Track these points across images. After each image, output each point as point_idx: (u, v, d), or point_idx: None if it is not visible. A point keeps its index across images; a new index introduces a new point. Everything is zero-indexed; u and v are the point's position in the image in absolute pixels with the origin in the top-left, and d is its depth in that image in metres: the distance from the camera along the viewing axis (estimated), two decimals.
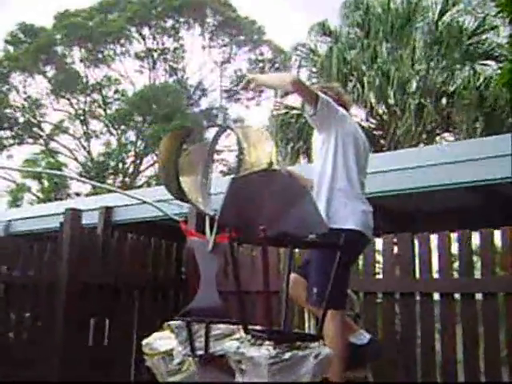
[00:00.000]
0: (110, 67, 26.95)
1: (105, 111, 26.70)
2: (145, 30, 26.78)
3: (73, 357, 4.94)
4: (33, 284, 5.27)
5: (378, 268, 4.98)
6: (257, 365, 2.18)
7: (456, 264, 4.62)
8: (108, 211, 7.10)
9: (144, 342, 3.37)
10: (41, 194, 24.83)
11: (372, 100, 14.17)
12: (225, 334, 2.95)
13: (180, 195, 3.36)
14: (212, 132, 3.78)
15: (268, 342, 2.21)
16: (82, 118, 26.73)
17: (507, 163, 4.50)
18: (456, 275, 4.55)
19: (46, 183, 24.81)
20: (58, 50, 26.04)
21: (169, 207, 6.04)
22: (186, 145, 3.58)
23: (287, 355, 2.17)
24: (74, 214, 5.35)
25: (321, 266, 2.93)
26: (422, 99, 13.15)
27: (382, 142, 14.21)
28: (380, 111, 14.68)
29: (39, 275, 5.30)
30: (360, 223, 3.15)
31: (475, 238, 4.42)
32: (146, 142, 24.79)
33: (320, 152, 3.32)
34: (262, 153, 3.08)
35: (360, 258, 4.55)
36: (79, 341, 5.12)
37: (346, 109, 3.44)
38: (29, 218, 8.66)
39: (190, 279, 5.34)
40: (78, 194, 24.32)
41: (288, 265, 2.70)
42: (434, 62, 13.75)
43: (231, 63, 27.87)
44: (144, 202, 6.38)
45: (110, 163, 25.76)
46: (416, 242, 4.58)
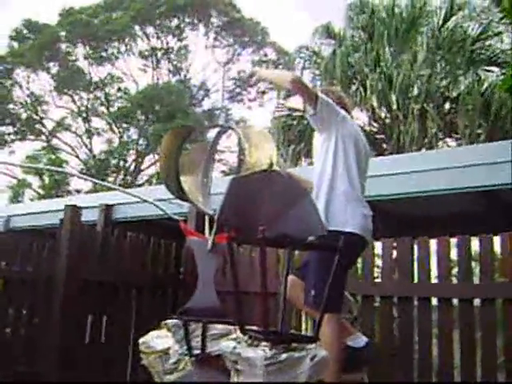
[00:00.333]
0: (113, 65, 27.01)
1: (107, 109, 26.72)
2: (149, 29, 26.83)
3: (70, 354, 4.94)
4: (31, 280, 5.26)
5: (376, 272, 4.97)
6: (253, 365, 2.18)
7: (455, 269, 4.62)
8: (108, 209, 7.10)
9: (141, 340, 3.37)
10: (41, 191, 24.85)
11: (374, 104, 14.17)
12: (221, 333, 2.95)
13: (180, 194, 3.36)
14: (214, 132, 3.77)
15: (264, 343, 2.21)
16: (84, 115, 26.76)
17: (509, 169, 4.50)
18: (455, 280, 4.54)
19: (47, 180, 24.83)
20: (62, 46, 26.09)
21: (169, 206, 6.03)
22: (187, 144, 3.58)
23: (283, 356, 2.17)
24: (74, 211, 5.34)
25: (319, 268, 2.93)
26: (424, 104, 13.14)
27: (384, 145, 14.20)
28: (382, 115, 14.67)
29: (38, 271, 5.30)
30: (359, 227, 3.15)
31: (475, 244, 4.42)
32: (147, 141, 24.80)
33: (320, 153, 3.32)
34: (263, 154, 3.08)
35: (359, 262, 4.54)
36: (76, 338, 5.11)
37: (347, 112, 3.45)
38: (29, 214, 8.66)
39: (189, 278, 5.33)
40: (79, 191, 24.34)
41: (286, 266, 2.69)
42: (438, 67, 13.74)
43: (235, 64, 27.91)
44: (144, 201, 6.37)
45: (112, 161, 25.78)
46: (415, 247, 4.57)
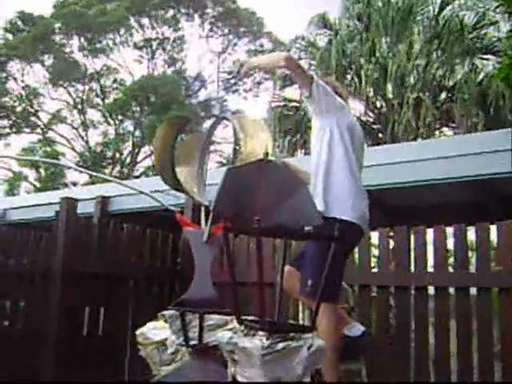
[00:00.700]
0: (108, 57, 26.92)
1: (103, 101, 26.65)
2: (144, 20, 26.71)
3: (67, 346, 4.94)
4: (28, 273, 5.26)
5: (373, 261, 4.98)
6: (250, 355, 2.19)
7: (451, 259, 4.62)
8: (104, 201, 7.09)
9: (138, 331, 3.38)
10: (38, 183, 24.83)
11: (370, 93, 14.16)
12: (218, 324, 2.95)
13: (175, 185, 3.36)
14: (209, 123, 3.76)
15: (261, 333, 2.21)
16: (79, 107, 26.68)
17: (507, 158, 4.50)
18: (451, 269, 4.55)
19: (43, 172, 24.80)
20: (57, 38, 25.96)
21: (165, 198, 6.02)
22: (182, 135, 3.56)
23: (280, 346, 2.17)
24: (70, 203, 5.33)
25: (316, 258, 2.93)
26: (420, 93, 13.13)
27: (380, 135, 14.20)
28: (378, 105, 14.66)
29: (34, 264, 5.29)
30: (356, 216, 3.14)
31: (471, 233, 4.43)
32: (143, 133, 24.75)
33: (316, 141, 3.30)
34: (258, 143, 3.07)
35: (355, 251, 4.55)
36: (74, 330, 5.12)
37: (344, 101, 3.43)
38: (25, 206, 8.64)
39: (186, 270, 5.33)
40: (75, 183, 24.35)
41: (283, 256, 2.69)
42: (434, 56, 13.72)
43: (231, 54, 27.83)
44: (141, 192, 6.36)
45: (108, 153, 25.75)
46: (412, 236, 4.58)
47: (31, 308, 5.27)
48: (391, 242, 4.77)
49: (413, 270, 4.49)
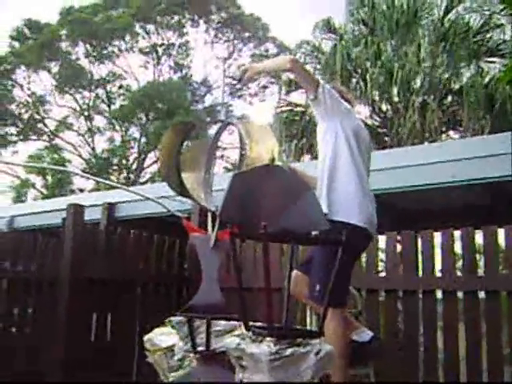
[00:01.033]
0: (114, 63, 26.99)
1: (109, 107, 26.72)
2: (149, 26, 26.77)
3: (75, 352, 4.94)
4: (36, 279, 5.26)
5: (380, 266, 4.97)
6: (257, 361, 2.18)
7: (460, 262, 4.60)
8: (111, 207, 7.10)
9: (146, 337, 3.38)
10: (45, 190, 24.89)
11: (376, 97, 14.14)
12: (226, 330, 2.95)
13: (181, 191, 3.36)
14: (215, 128, 3.76)
15: (269, 339, 2.20)
16: (86, 113, 26.75)
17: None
18: (459, 273, 4.53)
19: (50, 179, 24.87)
20: (63, 45, 26.06)
21: (172, 203, 6.03)
22: (188, 140, 3.56)
23: (288, 352, 2.16)
24: (77, 210, 5.34)
25: (323, 262, 2.92)
26: (426, 97, 13.11)
27: (386, 139, 14.17)
28: (384, 108, 14.64)
29: (42, 271, 5.30)
30: (364, 220, 3.13)
31: (479, 236, 4.41)
32: (149, 139, 24.78)
33: (322, 141, 3.29)
34: (264, 148, 3.07)
35: (363, 255, 4.54)
36: (82, 336, 5.12)
37: (350, 105, 3.42)
38: (32, 213, 8.67)
39: (193, 275, 5.33)
40: (82, 189, 24.38)
41: (290, 261, 2.68)
42: (439, 59, 13.69)
43: (236, 60, 27.86)
44: (147, 198, 6.37)
45: (114, 159, 25.80)
46: (419, 240, 4.56)
47: (39, 314, 5.27)
48: (398, 246, 4.75)
49: (421, 273, 4.48)
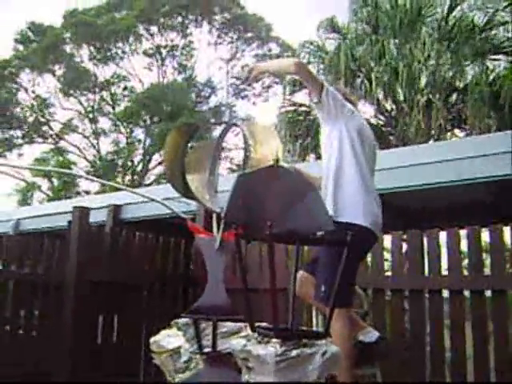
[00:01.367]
0: (118, 65, 27.02)
1: (113, 109, 26.77)
2: (153, 28, 26.81)
3: (82, 355, 4.96)
4: (42, 282, 5.28)
5: (386, 265, 4.95)
6: (263, 362, 2.17)
7: (466, 261, 4.58)
8: (116, 209, 7.11)
9: (152, 339, 3.37)
10: (51, 193, 24.96)
11: (380, 96, 14.12)
12: (232, 331, 2.94)
13: (186, 192, 3.36)
14: (220, 129, 3.76)
15: (275, 340, 2.20)
16: (90, 116, 26.81)
17: None
18: (465, 272, 4.51)
19: (56, 182, 24.94)
20: (67, 48, 26.13)
21: (177, 205, 6.03)
22: (192, 142, 3.56)
23: (294, 353, 2.15)
24: (82, 212, 5.35)
25: (329, 263, 2.91)
26: (430, 95, 13.08)
27: (391, 138, 14.15)
28: (388, 107, 14.62)
29: (48, 273, 5.32)
30: (369, 220, 3.12)
31: (485, 235, 4.40)
32: (154, 140, 24.81)
33: (326, 146, 3.29)
34: (268, 149, 3.07)
35: (369, 255, 4.53)
36: (88, 339, 5.13)
37: (354, 106, 3.42)
38: (38, 216, 8.69)
39: (199, 277, 5.34)
40: (88, 192, 24.43)
41: (295, 262, 2.68)
42: (444, 57, 13.66)
43: (239, 60, 27.86)
44: (152, 200, 6.38)
45: (119, 161, 25.85)
46: (425, 239, 4.55)
47: (45, 316, 5.29)
48: (404, 246, 4.74)
49: (427, 273, 4.47)
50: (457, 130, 14.41)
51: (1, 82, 25.10)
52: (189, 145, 3.51)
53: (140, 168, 26.18)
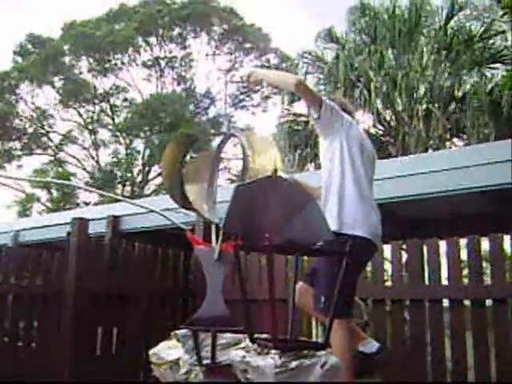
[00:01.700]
0: (117, 76, 27.08)
1: (113, 120, 26.80)
2: (152, 39, 26.89)
3: (81, 366, 4.93)
4: (41, 293, 5.26)
5: (386, 275, 4.94)
6: (263, 374, 2.16)
7: (466, 270, 4.57)
8: (115, 220, 7.11)
9: (151, 351, 3.35)
10: (50, 204, 24.94)
11: (379, 106, 14.14)
12: (231, 342, 2.92)
13: (184, 203, 3.35)
14: (218, 140, 3.76)
15: (274, 351, 2.19)
16: (90, 127, 26.84)
17: None
18: (466, 281, 4.49)
19: (55, 193, 24.93)
20: (66, 60, 26.20)
21: (176, 216, 6.02)
22: (191, 153, 3.56)
23: (293, 364, 2.14)
24: (81, 224, 5.34)
25: (328, 273, 2.90)
26: (429, 105, 13.10)
27: (390, 148, 14.16)
28: (387, 117, 14.64)
29: (47, 285, 5.30)
30: (368, 230, 3.12)
31: (485, 244, 4.38)
32: (153, 151, 24.82)
33: (326, 158, 3.30)
34: (267, 160, 3.06)
35: (368, 265, 4.51)
36: (87, 350, 5.11)
37: (352, 117, 3.43)
38: (37, 227, 8.68)
39: (198, 288, 5.32)
40: (87, 203, 24.40)
41: (294, 273, 2.67)
42: (442, 67, 13.69)
43: (238, 71, 27.89)
44: (151, 211, 6.37)
45: (118, 172, 25.85)
46: (425, 249, 4.54)
47: (45, 328, 5.26)
48: (404, 255, 4.73)
49: (427, 282, 4.45)
50: (455, 139, 14.42)
51: (0, 94, 25.16)
52: (187, 156, 3.51)
53: (139, 179, 26.18)
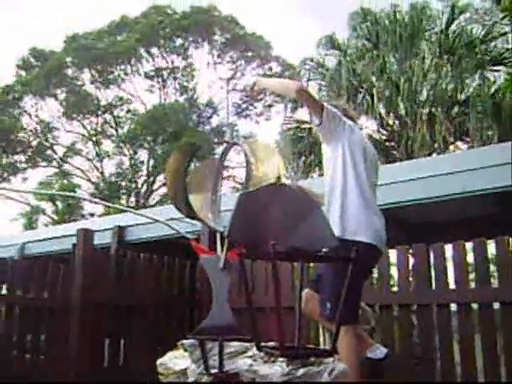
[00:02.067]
0: (120, 87, 27.17)
1: (116, 131, 26.88)
2: (154, 50, 26.99)
3: (89, 377, 4.92)
4: (47, 305, 5.26)
5: (392, 280, 4.92)
6: (270, 382, 2.15)
7: (473, 274, 4.55)
8: (121, 231, 7.11)
9: (158, 361, 3.34)
10: (55, 216, 24.98)
11: (382, 111, 14.15)
12: (238, 351, 2.91)
13: (189, 213, 3.34)
14: (222, 149, 3.76)
15: (281, 359, 2.18)
16: (94, 139, 26.92)
17: None
18: (473, 285, 4.47)
19: (60, 205, 24.97)
20: (69, 72, 26.31)
21: (181, 225, 6.02)
22: (194, 162, 3.56)
23: (301, 371, 2.13)
24: (86, 235, 5.35)
25: (333, 280, 2.89)
26: (432, 108, 13.10)
27: (394, 152, 14.15)
28: (390, 122, 14.63)
29: (53, 297, 5.29)
30: (373, 236, 3.11)
31: (492, 247, 4.36)
32: (157, 161, 24.86)
33: (329, 164, 3.30)
34: (270, 168, 3.06)
35: (374, 271, 4.49)
36: (95, 362, 5.10)
37: (354, 122, 3.43)
38: (43, 239, 8.69)
39: (204, 297, 5.31)
40: (93, 214, 24.45)
41: (300, 280, 2.66)
42: (444, 70, 13.69)
43: (240, 79, 27.97)
44: (156, 221, 6.37)
45: (123, 183, 25.89)
46: (431, 253, 4.52)
47: (52, 341, 5.26)
48: (410, 260, 4.71)
49: (434, 287, 4.43)
50: (459, 143, 14.40)
51: (4, 108, 25.28)
52: (191, 164, 3.50)
53: (144, 189, 26.21)
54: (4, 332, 5.03)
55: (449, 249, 4.42)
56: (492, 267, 4.44)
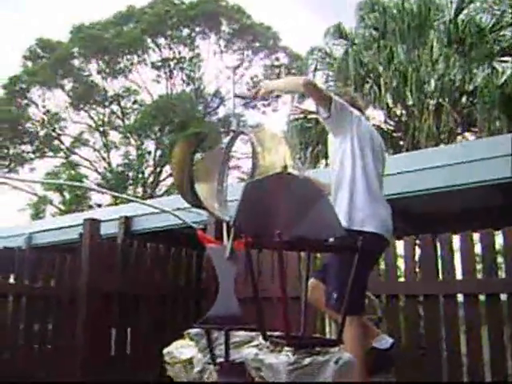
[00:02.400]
0: (127, 78, 27.16)
1: (123, 122, 26.89)
2: (160, 40, 26.94)
3: (96, 366, 4.94)
4: (55, 295, 5.28)
5: (399, 271, 4.91)
6: (276, 371, 2.15)
7: (480, 265, 4.53)
8: (127, 221, 7.12)
9: (165, 350, 3.35)
10: (62, 206, 25.07)
11: (389, 101, 14.09)
12: (244, 341, 2.91)
13: (195, 202, 3.33)
14: (228, 138, 3.75)
15: (287, 348, 2.17)
16: (101, 129, 26.96)
17: None
18: (480, 276, 4.45)
19: (68, 195, 25.05)
20: (76, 62, 26.33)
21: (188, 215, 6.02)
22: (200, 151, 3.55)
23: (307, 361, 2.12)
24: (93, 225, 5.36)
25: (339, 270, 2.89)
26: (440, 99, 13.03)
27: (401, 143, 14.10)
28: (398, 112, 14.58)
29: (60, 287, 5.32)
30: (380, 226, 3.11)
31: (499, 238, 4.35)
32: (164, 152, 24.88)
33: (336, 155, 3.28)
34: (277, 157, 3.04)
35: (381, 261, 4.49)
36: (102, 350, 5.12)
37: (361, 112, 3.41)
38: (50, 229, 8.72)
39: (210, 287, 5.31)
40: (100, 204, 24.51)
41: (306, 269, 2.65)
42: (452, 60, 13.61)
43: (247, 70, 27.90)
44: (163, 211, 6.37)
45: (130, 173, 25.94)
46: (438, 244, 4.50)
47: (59, 330, 5.28)
48: (417, 250, 4.70)
49: (441, 277, 4.42)
50: (467, 134, 14.34)
51: (12, 98, 25.33)
52: (197, 154, 3.50)
53: (151, 180, 26.26)
54: (11, 321, 5.05)
55: (456, 239, 4.41)
56: (499, 258, 4.43)
